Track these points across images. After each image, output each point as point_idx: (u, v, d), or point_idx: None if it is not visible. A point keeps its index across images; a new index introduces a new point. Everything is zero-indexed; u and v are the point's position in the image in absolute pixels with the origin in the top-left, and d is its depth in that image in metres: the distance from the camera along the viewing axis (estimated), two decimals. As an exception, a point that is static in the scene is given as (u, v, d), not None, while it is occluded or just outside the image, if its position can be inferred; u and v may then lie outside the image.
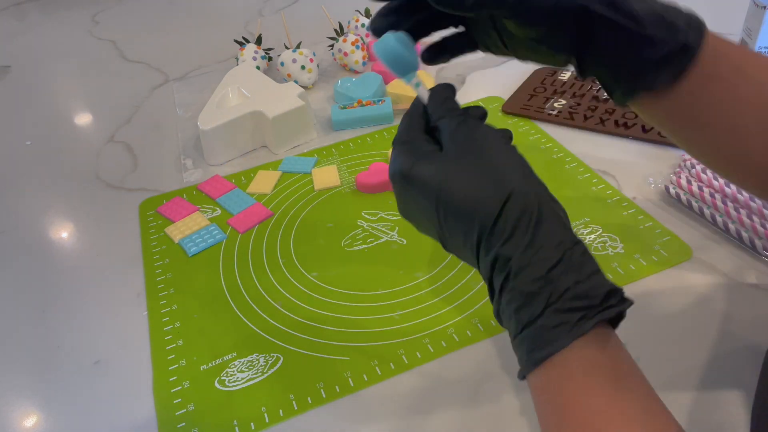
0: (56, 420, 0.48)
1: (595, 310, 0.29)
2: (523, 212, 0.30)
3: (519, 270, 0.30)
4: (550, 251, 0.30)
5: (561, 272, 0.29)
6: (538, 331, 0.29)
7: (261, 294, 0.56)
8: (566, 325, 0.29)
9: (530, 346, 0.30)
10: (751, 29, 0.75)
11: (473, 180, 0.32)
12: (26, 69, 1.11)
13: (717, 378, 0.44)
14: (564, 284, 0.29)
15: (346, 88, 0.82)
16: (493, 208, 0.31)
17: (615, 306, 0.29)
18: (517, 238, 0.30)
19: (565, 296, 0.29)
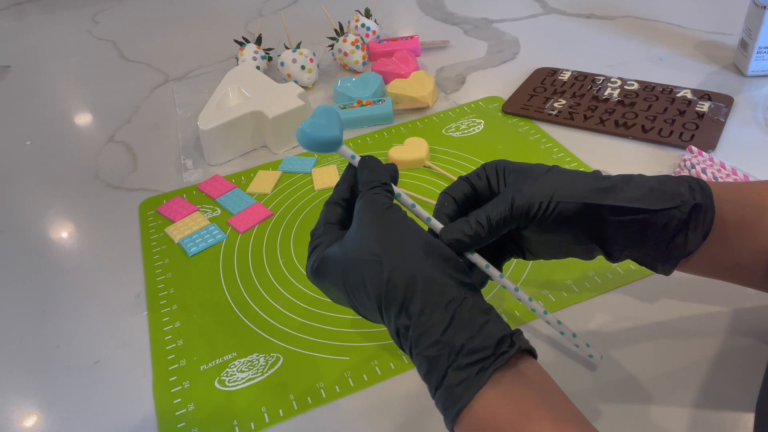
0: (56, 420, 0.48)
1: (489, 361, 0.31)
2: (407, 283, 0.33)
3: (418, 338, 0.32)
4: (441, 314, 0.32)
5: (454, 332, 0.31)
6: (446, 391, 0.31)
7: (261, 294, 0.56)
8: (467, 381, 0.31)
9: (444, 404, 0.32)
10: (751, 29, 0.76)
11: (361, 260, 0.34)
12: (26, 69, 1.11)
13: (718, 377, 0.44)
14: (458, 342, 0.31)
15: (346, 88, 0.82)
16: (381, 285, 0.33)
17: (506, 352, 0.31)
18: (408, 307, 0.32)
19: (462, 353, 0.31)
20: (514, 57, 0.91)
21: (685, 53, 0.86)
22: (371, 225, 0.35)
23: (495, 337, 0.31)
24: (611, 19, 0.99)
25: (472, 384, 0.30)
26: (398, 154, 0.69)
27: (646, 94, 0.76)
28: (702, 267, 0.40)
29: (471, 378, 0.31)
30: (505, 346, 0.31)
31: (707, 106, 0.72)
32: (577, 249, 0.40)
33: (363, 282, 0.34)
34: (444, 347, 0.31)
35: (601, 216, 0.37)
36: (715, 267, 0.40)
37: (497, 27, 1.01)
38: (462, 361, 0.31)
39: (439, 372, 0.32)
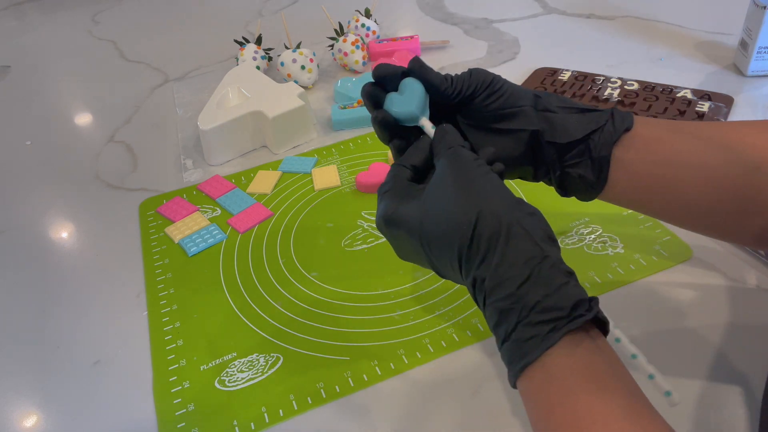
0: (56, 420, 0.48)
1: (564, 321, 0.30)
2: (492, 233, 0.33)
3: (492, 289, 0.32)
4: (519, 268, 0.32)
5: (530, 288, 0.31)
6: (514, 344, 0.32)
7: (261, 294, 0.56)
8: (537, 338, 0.31)
9: (510, 358, 0.32)
10: (751, 29, 0.76)
11: (446, 210, 0.34)
12: (26, 69, 1.11)
13: (718, 377, 0.44)
14: (533, 299, 0.31)
15: (346, 88, 0.82)
16: (465, 234, 0.33)
17: (583, 316, 0.31)
18: (489, 258, 0.33)
19: (535, 310, 0.31)
20: (514, 57, 0.91)
21: (685, 53, 0.86)
22: (459, 176, 0.35)
23: (572, 299, 0.31)
24: (611, 19, 0.99)
25: (542, 341, 0.30)
26: None
27: (646, 94, 0.76)
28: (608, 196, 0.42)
29: (542, 335, 0.30)
30: (582, 309, 0.31)
31: (707, 106, 0.72)
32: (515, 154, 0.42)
33: (445, 231, 0.34)
34: (518, 301, 0.31)
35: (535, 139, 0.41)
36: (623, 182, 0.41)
37: (497, 27, 1.01)
38: (534, 318, 0.31)
39: (509, 325, 0.32)
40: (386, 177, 0.40)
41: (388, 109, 0.40)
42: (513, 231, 0.32)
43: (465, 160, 0.36)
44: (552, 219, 0.59)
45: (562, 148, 0.41)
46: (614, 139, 0.40)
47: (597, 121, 0.40)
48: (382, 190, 0.39)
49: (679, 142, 0.40)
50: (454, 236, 0.34)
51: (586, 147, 0.40)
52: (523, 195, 0.63)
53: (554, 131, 0.41)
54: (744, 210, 0.39)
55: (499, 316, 0.32)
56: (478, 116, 0.42)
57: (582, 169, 0.41)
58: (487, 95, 0.41)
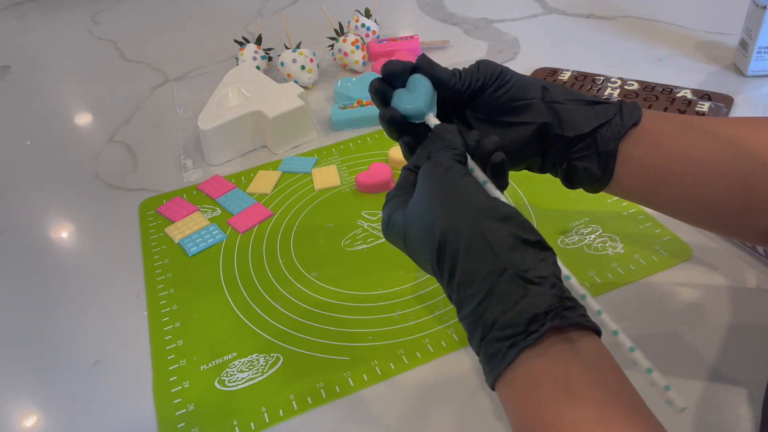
0: (56, 420, 0.48)
1: (521, 338, 0.30)
2: (454, 249, 0.33)
3: (459, 305, 0.33)
4: (478, 285, 0.32)
5: (488, 305, 0.31)
6: (483, 358, 0.32)
7: (261, 294, 0.56)
8: (499, 354, 0.31)
9: (484, 370, 0.33)
10: (751, 29, 0.76)
11: (420, 223, 0.35)
12: (26, 69, 1.11)
13: (718, 377, 0.44)
14: (491, 316, 0.31)
15: (346, 88, 0.82)
16: (433, 249, 0.34)
17: (536, 332, 0.30)
18: (453, 276, 0.33)
19: (494, 327, 0.31)
20: (514, 57, 0.91)
21: (685, 53, 0.86)
22: (429, 186, 0.35)
23: (528, 315, 0.30)
24: (611, 19, 0.99)
25: (503, 358, 0.31)
26: (398, 154, 0.69)
27: (646, 94, 0.76)
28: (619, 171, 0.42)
29: (503, 351, 0.31)
30: (537, 324, 0.30)
31: (707, 106, 0.72)
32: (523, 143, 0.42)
33: (421, 245, 0.35)
34: (479, 318, 0.32)
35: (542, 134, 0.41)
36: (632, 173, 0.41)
37: (497, 27, 1.01)
38: (495, 335, 0.31)
39: (476, 341, 0.32)
40: None
41: (396, 106, 0.40)
42: (473, 246, 0.32)
43: (441, 167, 0.36)
44: (552, 218, 0.59)
45: (569, 141, 0.41)
46: (622, 134, 0.40)
47: (605, 114, 0.40)
48: (388, 196, 0.40)
49: (687, 137, 0.40)
50: (427, 250, 0.34)
51: (593, 140, 0.40)
52: (524, 196, 0.63)
53: (562, 124, 0.40)
54: (750, 207, 0.38)
55: (468, 332, 0.33)
56: (487, 109, 0.42)
57: (588, 162, 0.41)
58: (496, 87, 0.41)
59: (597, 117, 0.40)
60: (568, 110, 0.41)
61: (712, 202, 0.39)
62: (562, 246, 0.56)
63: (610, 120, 0.40)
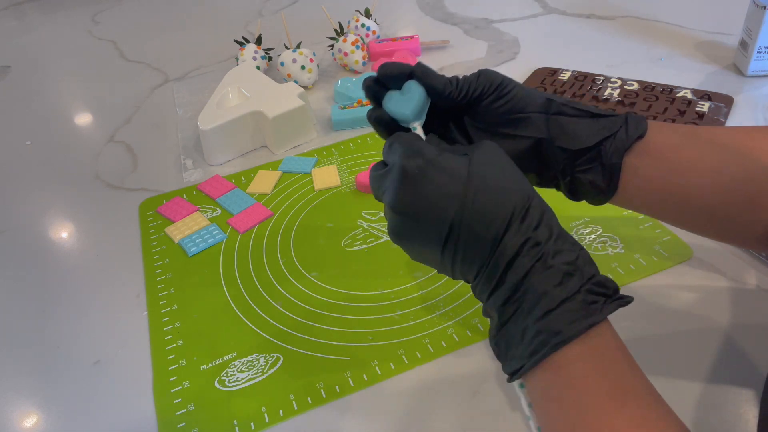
0: (56, 420, 0.48)
1: (613, 299, 0.33)
2: (543, 212, 0.34)
3: (555, 253, 0.33)
4: (571, 245, 0.34)
5: (583, 262, 0.33)
6: (578, 305, 0.32)
7: (261, 294, 0.56)
8: (598, 304, 0.32)
9: (570, 317, 0.32)
10: (751, 29, 0.76)
11: (504, 175, 0.35)
12: (26, 69, 1.11)
13: (718, 377, 0.44)
14: (588, 272, 0.33)
15: (346, 88, 0.82)
16: (526, 198, 0.34)
17: (623, 298, 0.33)
18: (543, 228, 0.34)
19: (592, 281, 0.33)
20: (514, 57, 0.91)
21: (685, 53, 0.86)
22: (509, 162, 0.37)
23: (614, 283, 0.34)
24: (611, 19, 0.99)
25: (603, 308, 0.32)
26: None
27: (646, 94, 0.76)
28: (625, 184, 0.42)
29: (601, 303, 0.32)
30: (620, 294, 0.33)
31: (707, 106, 0.72)
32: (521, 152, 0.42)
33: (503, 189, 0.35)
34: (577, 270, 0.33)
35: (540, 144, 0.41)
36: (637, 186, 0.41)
37: (497, 27, 1.01)
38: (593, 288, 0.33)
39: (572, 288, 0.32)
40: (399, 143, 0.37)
41: (384, 106, 0.40)
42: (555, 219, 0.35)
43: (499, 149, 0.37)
44: (552, 219, 0.59)
45: (572, 154, 0.41)
46: (626, 147, 0.40)
47: (610, 127, 0.40)
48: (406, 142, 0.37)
49: (692, 149, 0.40)
50: (512, 197, 0.34)
51: (598, 153, 0.40)
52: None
53: (566, 137, 0.40)
54: (758, 218, 0.39)
55: (562, 278, 0.32)
56: (485, 119, 0.42)
57: (592, 175, 0.41)
58: (494, 98, 0.41)
59: (602, 130, 0.40)
60: (572, 123, 0.40)
61: (720, 213, 0.40)
62: (562, 246, 0.56)
63: (615, 133, 0.40)
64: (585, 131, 0.40)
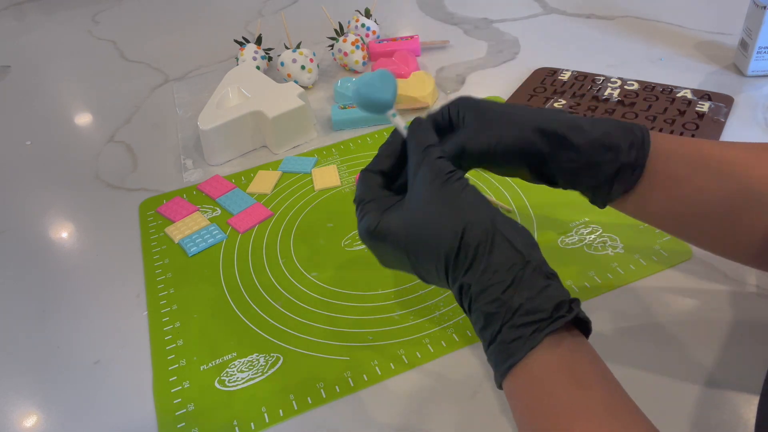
0: (56, 420, 0.48)
1: (546, 323, 0.32)
2: (478, 242, 0.34)
3: (478, 294, 0.34)
4: (503, 274, 0.33)
5: (514, 292, 0.33)
6: (499, 346, 0.33)
7: (261, 294, 0.56)
8: (521, 339, 0.32)
9: (496, 360, 0.33)
10: (751, 29, 0.76)
11: (432, 222, 0.36)
12: (26, 69, 1.11)
13: (718, 377, 0.44)
14: (517, 302, 0.32)
15: (346, 88, 0.82)
16: (452, 244, 0.35)
17: (564, 317, 0.32)
18: (475, 266, 0.34)
19: (518, 313, 0.32)
20: (514, 57, 0.91)
21: (685, 53, 0.86)
22: (441, 190, 0.36)
23: (554, 301, 0.32)
24: (611, 19, 0.99)
25: (525, 342, 0.32)
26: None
27: (646, 94, 0.76)
28: (630, 210, 0.43)
29: (525, 337, 0.32)
30: (563, 310, 0.32)
31: (707, 106, 0.72)
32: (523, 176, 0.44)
33: (431, 242, 0.36)
34: (503, 305, 0.33)
35: (541, 158, 0.41)
36: (643, 213, 0.43)
37: (497, 27, 1.01)
38: (518, 321, 0.32)
39: (495, 328, 0.33)
40: (357, 185, 0.41)
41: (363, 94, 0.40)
42: (497, 240, 0.34)
43: (442, 172, 0.37)
44: (552, 219, 0.59)
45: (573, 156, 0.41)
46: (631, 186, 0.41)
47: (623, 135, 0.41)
48: (359, 201, 0.40)
49: (700, 180, 0.40)
50: (441, 246, 0.35)
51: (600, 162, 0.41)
52: (524, 196, 0.63)
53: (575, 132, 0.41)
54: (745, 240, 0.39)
55: (485, 320, 0.33)
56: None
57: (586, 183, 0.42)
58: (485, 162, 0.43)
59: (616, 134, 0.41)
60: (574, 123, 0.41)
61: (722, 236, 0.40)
62: (562, 246, 0.56)
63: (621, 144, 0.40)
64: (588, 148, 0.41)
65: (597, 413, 0.30)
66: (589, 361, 0.32)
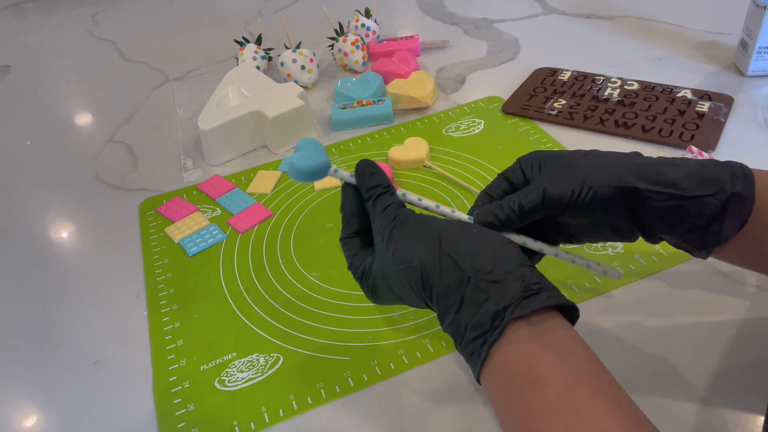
0: (56, 420, 0.48)
1: (489, 335, 0.33)
2: (430, 270, 0.35)
3: (441, 318, 0.36)
4: (454, 296, 0.35)
5: (462, 312, 0.34)
6: (466, 359, 0.35)
7: (261, 294, 0.56)
8: (475, 354, 0.34)
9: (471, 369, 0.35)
10: (751, 29, 0.76)
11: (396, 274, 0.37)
12: (26, 69, 1.11)
13: (718, 377, 0.44)
14: (464, 321, 0.34)
15: (346, 88, 0.82)
16: (417, 285, 0.36)
17: (498, 327, 0.33)
18: (435, 294, 0.35)
19: (467, 330, 0.34)
20: (514, 57, 0.91)
21: (685, 53, 0.86)
22: (390, 234, 0.38)
23: (489, 313, 0.33)
24: (611, 19, 0.99)
25: (478, 356, 0.33)
26: (398, 154, 0.69)
27: (646, 94, 0.76)
28: (738, 256, 0.40)
29: (477, 350, 0.33)
30: (498, 320, 0.33)
31: (707, 106, 0.72)
32: (614, 232, 0.41)
33: (405, 285, 0.37)
34: (457, 326, 0.35)
35: (635, 200, 0.38)
36: (751, 257, 0.40)
37: (497, 27, 1.01)
38: (469, 336, 0.34)
39: (458, 346, 0.35)
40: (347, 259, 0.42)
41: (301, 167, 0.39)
42: (443, 264, 0.35)
43: (389, 213, 0.38)
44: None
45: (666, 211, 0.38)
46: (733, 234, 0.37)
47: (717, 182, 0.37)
48: (343, 240, 0.42)
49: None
50: (412, 287, 0.37)
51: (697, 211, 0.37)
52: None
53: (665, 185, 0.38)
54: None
55: (453, 339, 0.36)
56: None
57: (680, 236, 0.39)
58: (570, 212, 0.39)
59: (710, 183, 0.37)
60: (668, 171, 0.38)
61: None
62: (562, 246, 0.56)
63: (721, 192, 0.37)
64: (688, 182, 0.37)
65: (553, 412, 0.29)
66: (547, 354, 0.31)
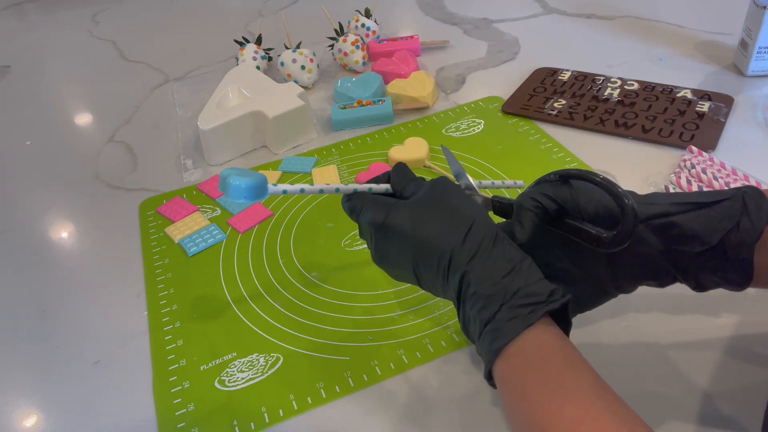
0: (56, 420, 0.48)
1: (542, 305, 0.34)
2: (483, 236, 0.37)
3: (479, 279, 0.36)
4: (504, 264, 0.36)
5: (512, 278, 0.36)
6: (496, 325, 0.35)
7: (261, 294, 0.56)
8: (518, 318, 0.34)
9: (491, 338, 0.35)
10: (751, 29, 0.76)
11: (442, 216, 0.39)
12: (26, 69, 1.11)
13: (718, 377, 0.44)
14: (515, 286, 0.35)
15: (346, 88, 0.82)
16: (459, 236, 0.38)
17: (558, 300, 0.35)
18: (478, 255, 0.37)
19: (517, 295, 0.35)
20: (514, 57, 0.91)
21: (685, 53, 0.86)
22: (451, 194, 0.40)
23: (548, 288, 0.35)
24: (611, 19, 0.99)
25: (522, 321, 0.34)
26: (398, 154, 0.69)
27: (646, 94, 0.76)
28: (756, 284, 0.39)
29: (522, 316, 0.34)
30: (557, 296, 0.35)
31: (707, 106, 0.72)
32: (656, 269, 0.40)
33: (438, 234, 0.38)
34: (502, 288, 0.35)
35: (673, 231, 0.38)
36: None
37: (497, 27, 1.01)
38: (516, 302, 0.34)
39: (493, 308, 0.35)
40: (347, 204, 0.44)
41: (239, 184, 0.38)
42: (499, 237, 0.38)
43: (451, 184, 0.41)
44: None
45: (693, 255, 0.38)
46: (755, 239, 0.36)
47: (729, 215, 0.37)
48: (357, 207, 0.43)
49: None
50: (447, 238, 0.38)
51: (722, 248, 0.37)
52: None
53: (683, 239, 0.38)
54: None
55: (485, 301, 0.35)
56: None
57: (723, 273, 0.38)
58: None
59: (722, 221, 0.37)
60: (685, 221, 0.38)
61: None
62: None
63: (737, 222, 0.37)
64: (703, 228, 0.37)
65: (586, 391, 0.31)
66: (573, 347, 0.34)
